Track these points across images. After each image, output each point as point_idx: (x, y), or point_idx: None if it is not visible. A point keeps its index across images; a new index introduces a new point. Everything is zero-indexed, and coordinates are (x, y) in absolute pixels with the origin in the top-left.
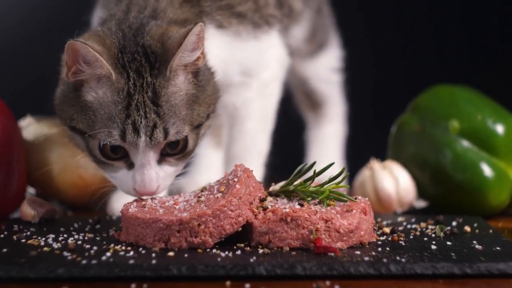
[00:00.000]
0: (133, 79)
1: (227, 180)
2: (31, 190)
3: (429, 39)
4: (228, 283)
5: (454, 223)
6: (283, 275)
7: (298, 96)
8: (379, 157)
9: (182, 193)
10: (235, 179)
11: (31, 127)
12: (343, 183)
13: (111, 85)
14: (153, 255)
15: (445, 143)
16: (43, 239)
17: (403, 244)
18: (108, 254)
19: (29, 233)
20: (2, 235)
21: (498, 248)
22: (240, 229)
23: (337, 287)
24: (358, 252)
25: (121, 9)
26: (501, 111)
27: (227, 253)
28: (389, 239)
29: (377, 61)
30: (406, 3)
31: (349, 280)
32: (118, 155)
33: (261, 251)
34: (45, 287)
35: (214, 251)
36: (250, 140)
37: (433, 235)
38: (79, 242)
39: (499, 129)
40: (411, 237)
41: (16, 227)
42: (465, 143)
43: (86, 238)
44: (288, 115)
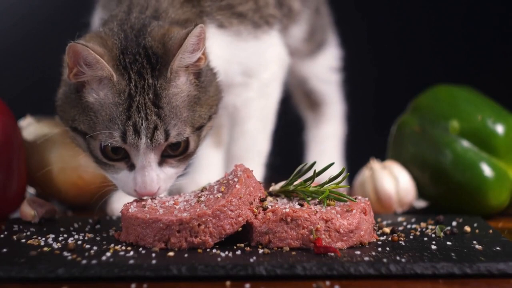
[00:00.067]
0: (134, 80)
1: (227, 180)
2: (31, 190)
3: (429, 39)
4: (228, 283)
5: (454, 223)
6: (283, 275)
7: (297, 96)
8: (379, 157)
9: (182, 193)
10: (235, 179)
11: (31, 127)
12: (343, 183)
13: (112, 87)
14: (153, 255)
15: (445, 143)
16: (43, 239)
17: (403, 244)
18: (108, 254)
19: (29, 233)
20: (2, 235)
21: (498, 248)
22: (240, 229)
23: (337, 287)
24: (358, 252)
25: (122, 9)
26: (501, 111)
27: (227, 253)
28: (389, 239)
29: (377, 61)
30: (406, 3)
31: (349, 280)
32: (119, 156)
33: (261, 251)
34: (45, 287)
35: (214, 251)
36: (250, 140)
37: (433, 235)
38: (79, 242)
39: (499, 129)
40: (411, 237)
41: (16, 227)
42: (465, 143)
43: (86, 238)
44: (288, 115)
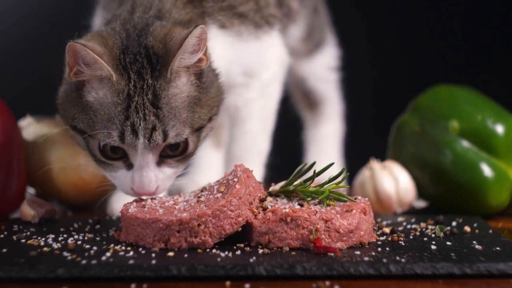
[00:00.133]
0: (133, 80)
1: (227, 180)
2: (31, 190)
3: (429, 39)
4: (228, 283)
5: (454, 223)
6: (283, 275)
7: (295, 95)
8: (379, 157)
9: (182, 193)
10: (235, 179)
11: (31, 127)
12: (343, 183)
13: (112, 86)
14: (153, 255)
15: (445, 143)
16: (43, 239)
17: (403, 244)
18: (108, 254)
19: (29, 233)
20: (2, 235)
21: (498, 248)
22: (240, 229)
23: (336, 287)
24: (358, 252)
25: (126, 9)
26: (501, 111)
27: (227, 253)
28: (389, 239)
29: (377, 61)
30: (406, 3)
31: (349, 280)
32: (117, 156)
33: (261, 251)
34: (45, 287)
35: (214, 251)
36: (250, 140)
37: (433, 235)
38: (79, 242)
39: (499, 129)
40: (411, 237)
41: (16, 227)
42: (465, 143)
43: (86, 238)
44: (287, 115)
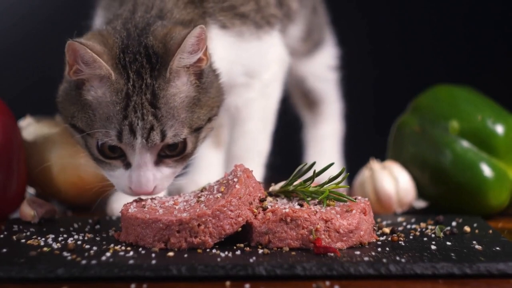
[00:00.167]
0: (132, 80)
1: (227, 180)
2: (31, 190)
3: (430, 39)
4: (227, 283)
5: (454, 223)
6: (282, 276)
7: (294, 95)
8: (379, 157)
9: (181, 193)
10: (235, 179)
11: (31, 128)
12: (342, 183)
13: (111, 85)
14: (153, 255)
15: (445, 143)
16: (43, 239)
17: (403, 244)
18: (108, 254)
19: (28, 233)
20: (2, 235)
21: (497, 248)
22: (239, 229)
23: (336, 287)
24: (357, 252)
25: (127, 8)
26: (501, 111)
27: (226, 253)
28: (389, 239)
29: (377, 61)
30: (407, 3)
31: (349, 280)
32: (116, 155)
33: (260, 251)
34: (45, 287)
35: (213, 251)
36: (251, 140)
37: (433, 235)
38: (79, 242)
39: (499, 129)
40: (411, 237)
41: (16, 227)
42: (465, 143)
43: (86, 238)
44: (287, 115)
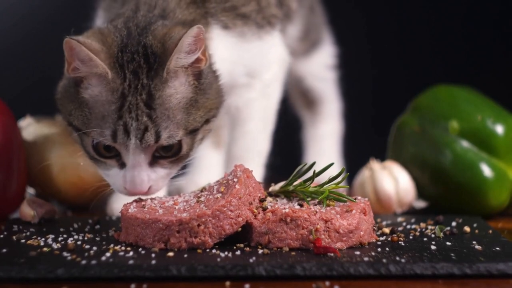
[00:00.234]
0: (129, 80)
1: (227, 180)
2: (31, 190)
3: (429, 39)
4: (227, 283)
5: (453, 224)
6: (282, 276)
7: (293, 95)
8: (379, 157)
9: (181, 194)
10: (235, 180)
11: (30, 128)
12: (342, 184)
13: (107, 84)
14: (153, 255)
15: (445, 144)
16: (43, 239)
17: (403, 244)
18: (107, 254)
19: (28, 233)
20: (2, 235)
21: (497, 248)
22: (239, 229)
23: (336, 287)
24: (357, 252)
25: (130, 7)
26: (501, 111)
27: (226, 253)
28: (389, 239)
29: (377, 61)
30: (406, 3)
31: (349, 280)
32: (111, 154)
33: (260, 251)
34: (45, 287)
35: (213, 251)
36: (251, 140)
37: (433, 236)
38: (79, 242)
39: (499, 129)
40: (411, 237)
41: (15, 228)
42: (465, 144)
43: (85, 238)
44: (287, 115)
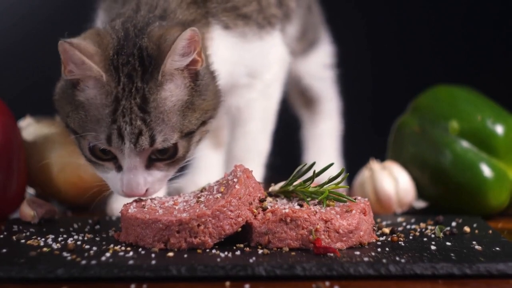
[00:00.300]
0: (123, 83)
1: (227, 180)
2: (31, 190)
3: (429, 39)
4: (227, 283)
5: (453, 224)
6: (282, 276)
7: (292, 94)
8: (379, 158)
9: (181, 194)
10: (235, 180)
11: (30, 128)
12: (342, 184)
13: (102, 87)
14: (153, 255)
15: (445, 144)
16: (43, 239)
17: (403, 244)
18: (107, 254)
19: (28, 233)
20: (1, 236)
21: (497, 248)
22: (239, 229)
23: None
24: (357, 252)
25: (131, 7)
26: (501, 112)
27: (226, 253)
28: (389, 239)
29: (377, 61)
30: (406, 3)
31: (349, 280)
32: (108, 157)
33: (260, 251)
34: (45, 287)
35: (213, 251)
36: (251, 140)
37: (433, 236)
38: (79, 242)
39: (499, 129)
40: (411, 237)
41: (15, 228)
42: (465, 144)
43: (85, 238)
44: (287, 115)
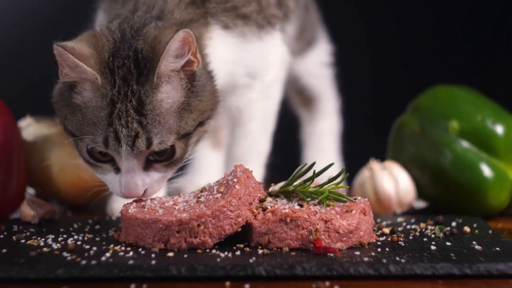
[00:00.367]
0: (118, 86)
1: (227, 180)
2: (31, 190)
3: (429, 39)
4: (227, 283)
5: (453, 224)
6: (282, 276)
7: (290, 94)
8: (379, 158)
9: (181, 194)
10: (235, 180)
11: (30, 128)
12: (342, 184)
13: (97, 90)
14: (153, 255)
15: (445, 144)
16: (43, 239)
17: (403, 244)
18: (107, 254)
19: (28, 233)
20: (2, 236)
21: (497, 248)
22: (239, 229)
23: None
24: (357, 252)
25: (128, 8)
26: (501, 112)
27: (226, 253)
28: (389, 239)
29: (376, 61)
30: (406, 3)
31: (349, 280)
32: (106, 158)
33: (260, 251)
34: (45, 287)
35: (213, 251)
36: (252, 141)
37: (433, 236)
38: (79, 242)
39: (499, 129)
40: (411, 237)
41: (15, 228)
42: (465, 144)
43: (85, 238)
44: (287, 115)
